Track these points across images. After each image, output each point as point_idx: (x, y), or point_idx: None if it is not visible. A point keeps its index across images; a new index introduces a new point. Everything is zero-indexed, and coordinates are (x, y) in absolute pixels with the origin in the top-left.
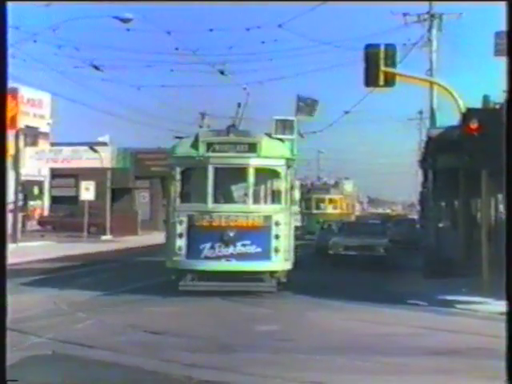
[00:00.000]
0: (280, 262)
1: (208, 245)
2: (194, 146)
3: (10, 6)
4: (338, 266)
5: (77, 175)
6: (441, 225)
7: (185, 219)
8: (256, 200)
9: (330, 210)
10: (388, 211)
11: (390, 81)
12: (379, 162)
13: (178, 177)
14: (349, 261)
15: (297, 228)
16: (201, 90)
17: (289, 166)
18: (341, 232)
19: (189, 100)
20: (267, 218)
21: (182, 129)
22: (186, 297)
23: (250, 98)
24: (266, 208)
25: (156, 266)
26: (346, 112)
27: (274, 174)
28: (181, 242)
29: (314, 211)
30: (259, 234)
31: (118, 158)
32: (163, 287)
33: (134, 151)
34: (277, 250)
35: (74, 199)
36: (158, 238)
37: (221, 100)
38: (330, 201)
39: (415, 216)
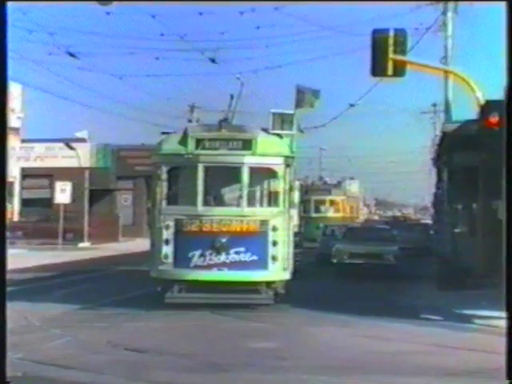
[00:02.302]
0: (278, 271)
1: (198, 252)
2: (182, 142)
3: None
4: (342, 276)
5: (51, 175)
6: (457, 230)
7: (172, 224)
8: (251, 202)
9: (331, 213)
10: (398, 215)
11: (399, 70)
12: (388, 160)
13: (165, 177)
14: (354, 270)
15: (295, 234)
16: (190, 79)
17: (287, 165)
18: (345, 238)
19: (176, 91)
20: (263, 222)
21: (169, 123)
22: (172, 310)
23: (244, 88)
24: (262, 211)
25: (139, 276)
26: (352, 105)
27: (271, 173)
28: (167, 250)
29: (313, 215)
30: (254, 240)
31: (98, 156)
32: (147, 300)
33: (115, 148)
34: (274, 258)
35: (48, 202)
36: (141, 244)
37: (212, 91)
38: (332, 203)
39: (428, 220)
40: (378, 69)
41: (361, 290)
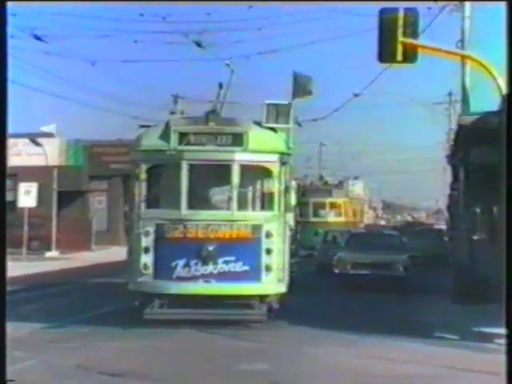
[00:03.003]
0: (272, 283)
1: (181, 262)
2: (164, 136)
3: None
4: (344, 289)
5: (15, 175)
6: (475, 237)
7: (152, 230)
8: (242, 205)
9: (331, 217)
10: (408, 219)
11: (410, 55)
12: (397, 157)
13: (144, 176)
14: (358, 282)
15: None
16: (172, 66)
17: (283, 163)
18: (348, 245)
19: (157, 79)
20: (256, 227)
21: (149, 115)
22: (153, 328)
23: (234, 76)
24: (254, 215)
25: (115, 289)
26: (356, 94)
27: (264, 172)
28: (147, 259)
29: (312, 219)
30: (246, 248)
31: (68, 153)
32: (124, 316)
33: (87, 144)
34: (268, 269)
35: (11, 205)
36: (117, 253)
37: (198, 79)
38: (332, 205)
39: (442, 225)
40: (385, 54)
41: (366, 305)
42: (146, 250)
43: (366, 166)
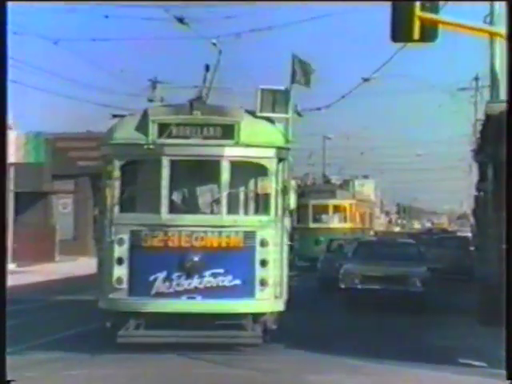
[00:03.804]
0: (267, 300)
1: (161, 275)
2: (141, 128)
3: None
4: (351, 307)
5: None
6: (506, 246)
7: (127, 237)
8: (233, 208)
9: (335, 222)
10: (427, 225)
11: (429, 32)
12: (414, 153)
13: (117, 174)
14: (368, 299)
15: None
16: (150, 46)
17: (281, 159)
18: (356, 256)
19: (133, 61)
20: (249, 234)
21: (123, 103)
22: (127, 353)
23: (222, 57)
24: (247, 220)
25: (83, 307)
26: (365, 79)
27: (259, 170)
28: (120, 272)
29: (311, 225)
30: (237, 258)
31: (27, 148)
32: (94, 339)
33: (50, 137)
34: (263, 283)
35: None
36: (86, 265)
37: (180, 61)
38: (336, 209)
39: (467, 233)
40: (401, 31)
41: (377, 326)
42: (120, 262)
43: (377, 163)
